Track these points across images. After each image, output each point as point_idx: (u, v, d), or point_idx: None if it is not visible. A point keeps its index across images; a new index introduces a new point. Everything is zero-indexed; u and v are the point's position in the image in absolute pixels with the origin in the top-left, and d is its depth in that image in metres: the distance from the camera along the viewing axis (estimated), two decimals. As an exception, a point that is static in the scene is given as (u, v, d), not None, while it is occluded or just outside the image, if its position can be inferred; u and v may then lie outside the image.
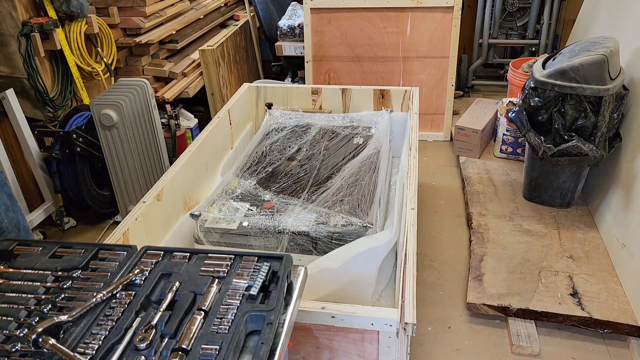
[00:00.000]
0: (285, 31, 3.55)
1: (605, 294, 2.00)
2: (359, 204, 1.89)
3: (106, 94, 2.51)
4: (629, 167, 2.18)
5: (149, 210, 1.74)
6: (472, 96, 3.98)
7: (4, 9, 2.39)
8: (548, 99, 2.22)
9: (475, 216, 2.51)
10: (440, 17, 3.23)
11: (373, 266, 1.75)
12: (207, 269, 1.12)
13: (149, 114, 2.60)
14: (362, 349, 1.41)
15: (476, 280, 2.11)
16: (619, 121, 2.23)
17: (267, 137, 2.48)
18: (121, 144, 2.52)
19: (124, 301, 1.05)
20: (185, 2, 3.60)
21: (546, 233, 2.36)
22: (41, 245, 1.23)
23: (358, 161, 2.18)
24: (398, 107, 2.72)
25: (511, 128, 2.89)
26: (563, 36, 4.10)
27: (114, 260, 1.18)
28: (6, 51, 2.43)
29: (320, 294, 1.73)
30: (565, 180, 2.44)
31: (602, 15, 2.81)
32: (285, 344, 0.99)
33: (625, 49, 2.31)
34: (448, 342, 1.96)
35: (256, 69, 4.38)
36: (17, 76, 2.48)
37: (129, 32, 3.16)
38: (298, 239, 1.80)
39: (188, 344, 0.93)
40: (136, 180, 2.63)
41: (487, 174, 2.88)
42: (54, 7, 2.58)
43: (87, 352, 0.94)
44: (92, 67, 2.84)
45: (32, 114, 2.57)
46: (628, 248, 2.05)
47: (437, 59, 3.34)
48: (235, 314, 1.00)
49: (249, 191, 2.04)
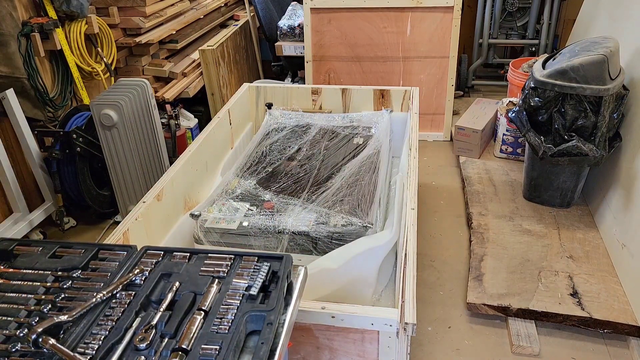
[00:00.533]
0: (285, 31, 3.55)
1: (605, 294, 2.00)
2: (359, 204, 1.89)
3: (106, 94, 2.51)
4: (629, 167, 2.18)
5: (149, 210, 1.74)
6: (472, 96, 3.98)
7: (4, 9, 2.39)
8: (548, 99, 2.22)
9: (475, 216, 2.51)
10: (440, 17, 3.23)
11: (373, 266, 1.75)
12: (207, 269, 1.12)
13: (149, 114, 2.60)
14: (362, 349, 1.41)
15: (476, 280, 2.11)
16: (619, 121, 2.23)
17: (267, 137, 2.48)
18: (121, 144, 2.52)
19: (124, 301, 1.05)
20: (185, 2, 3.60)
21: (546, 233, 2.36)
22: (41, 245, 1.23)
23: (358, 161, 2.18)
24: (398, 107, 2.72)
25: (511, 128, 2.89)
26: (563, 36, 4.10)
27: (114, 260, 1.18)
28: (6, 51, 2.43)
29: (320, 294, 1.73)
30: (565, 180, 2.44)
31: (602, 15, 2.81)
32: (285, 344, 0.99)
33: (625, 49, 2.31)
34: (448, 342, 1.96)
35: (256, 69, 4.38)
36: (17, 76, 2.48)
37: (129, 32, 3.16)
38: (298, 239, 1.80)
39: (188, 344, 0.93)
40: (136, 180, 2.63)
41: (487, 174, 2.88)
42: (54, 7, 2.58)
43: (87, 352, 0.94)
44: (92, 67, 2.84)
45: (32, 114, 2.57)
46: (628, 248, 2.05)
47: (437, 59, 3.34)
48: (235, 314, 1.00)
49: (249, 191, 2.04)
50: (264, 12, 3.61)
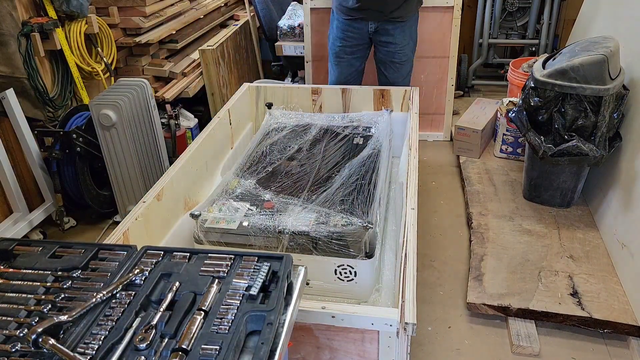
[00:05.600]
0: (285, 31, 3.54)
1: (605, 294, 2.00)
2: (359, 204, 1.89)
3: (105, 94, 2.51)
4: (629, 167, 2.18)
5: (149, 210, 1.74)
6: (472, 96, 3.98)
7: (4, 8, 2.39)
8: (548, 98, 2.22)
9: (475, 216, 2.51)
10: (440, 17, 3.23)
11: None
12: (207, 269, 1.12)
13: (149, 114, 2.60)
14: (362, 349, 1.41)
15: (476, 280, 2.11)
16: (619, 121, 2.23)
17: (267, 137, 2.48)
18: (120, 144, 2.52)
19: (124, 301, 1.05)
20: (185, 2, 3.60)
21: (546, 233, 2.36)
22: (41, 245, 1.23)
23: (358, 161, 2.17)
24: (398, 107, 2.72)
25: (511, 128, 2.89)
26: (563, 36, 4.10)
27: (114, 260, 1.18)
28: (6, 51, 2.43)
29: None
30: (565, 180, 2.44)
31: (602, 15, 2.81)
32: (285, 344, 0.99)
33: (625, 49, 2.31)
34: (448, 342, 1.96)
35: (256, 68, 4.38)
36: (17, 76, 2.48)
37: (129, 32, 3.16)
38: (298, 239, 1.80)
39: (188, 344, 0.93)
40: (135, 180, 2.62)
41: (487, 174, 2.88)
42: (54, 7, 2.58)
43: (87, 352, 0.93)
44: (92, 67, 2.84)
45: (32, 114, 2.57)
46: (628, 248, 2.05)
47: (437, 58, 3.34)
48: (235, 314, 1.00)
49: (249, 191, 2.03)
50: (264, 12, 3.61)
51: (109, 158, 2.55)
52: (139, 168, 2.62)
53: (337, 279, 1.83)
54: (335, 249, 1.77)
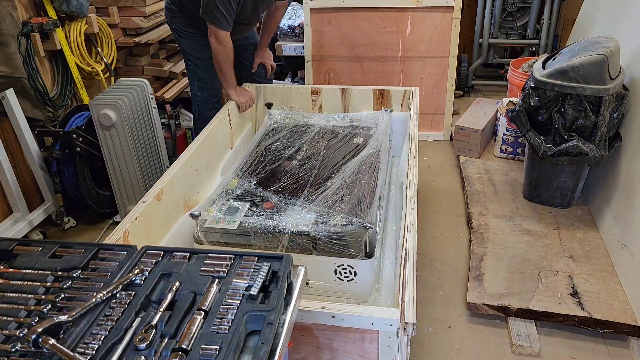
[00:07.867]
0: (285, 31, 3.55)
1: (605, 293, 2.00)
2: (359, 203, 1.89)
3: (105, 94, 2.51)
4: (629, 167, 2.18)
5: (149, 210, 1.74)
6: (472, 96, 3.98)
7: (4, 9, 2.39)
8: (548, 98, 2.22)
9: (475, 216, 2.51)
10: (440, 17, 3.23)
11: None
12: (207, 269, 1.12)
13: (149, 114, 2.60)
14: (362, 349, 1.41)
15: (476, 280, 2.11)
16: (619, 121, 2.23)
17: (267, 137, 2.48)
18: (120, 144, 2.52)
19: (124, 301, 1.05)
20: (185, 2, 3.59)
21: (546, 233, 2.36)
22: (41, 245, 1.23)
23: (358, 161, 2.18)
24: (398, 107, 2.72)
25: (511, 128, 2.89)
26: (563, 36, 4.10)
27: (114, 260, 1.18)
28: (6, 51, 2.43)
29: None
30: (565, 180, 2.44)
31: (602, 15, 2.81)
32: (285, 344, 0.99)
33: (625, 49, 2.31)
34: (448, 342, 1.96)
35: (256, 68, 4.37)
36: (17, 76, 2.48)
37: (129, 32, 3.16)
38: (298, 239, 1.80)
39: (188, 344, 0.93)
40: (135, 180, 2.62)
41: (487, 174, 2.88)
42: (54, 7, 2.58)
43: (87, 352, 0.93)
44: (92, 67, 2.84)
45: (32, 114, 2.57)
46: (628, 248, 2.05)
47: (437, 58, 3.34)
48: (235, 314, 1.00)
49: (249, 191, 2.03)
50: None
51: (109, 158, 2.55)
52: (139, 168, 2.62)
53: (337, 278, 1.83)
54: (335, 249, 1.77)
